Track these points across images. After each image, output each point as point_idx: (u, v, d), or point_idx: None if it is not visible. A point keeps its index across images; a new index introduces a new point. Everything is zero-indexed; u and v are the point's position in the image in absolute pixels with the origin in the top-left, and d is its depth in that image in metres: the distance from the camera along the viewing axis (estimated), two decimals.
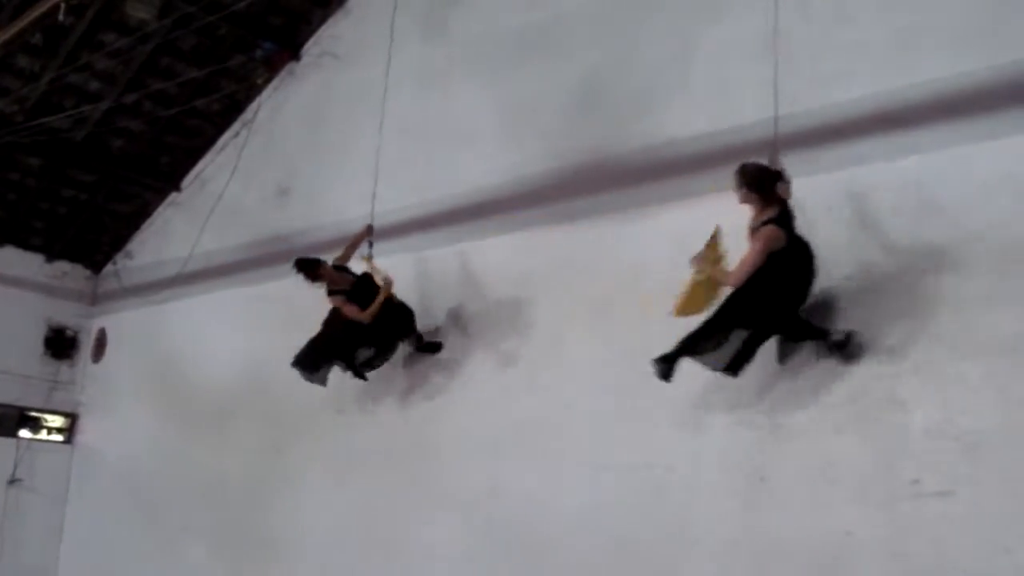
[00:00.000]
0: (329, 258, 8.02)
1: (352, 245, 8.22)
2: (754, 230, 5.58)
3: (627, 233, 7.11)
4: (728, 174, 6.43)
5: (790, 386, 5.99)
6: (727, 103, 6.84)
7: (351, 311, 7.65)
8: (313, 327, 8.27)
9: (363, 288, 7.79)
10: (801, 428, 5.90)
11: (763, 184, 5.58)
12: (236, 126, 11.57)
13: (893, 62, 6.06)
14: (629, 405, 6.74)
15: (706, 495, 6.26)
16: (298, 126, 10.67)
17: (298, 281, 7.86)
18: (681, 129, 7.04)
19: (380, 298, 7.58)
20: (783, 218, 5.54)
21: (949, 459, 5.34)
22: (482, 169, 8.17)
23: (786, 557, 5.81)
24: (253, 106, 11.33)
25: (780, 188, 5.60)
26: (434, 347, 8.29)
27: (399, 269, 8.51)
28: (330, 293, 7.78)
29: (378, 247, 8.44)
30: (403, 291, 8.23)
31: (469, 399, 7.87)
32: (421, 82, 9.23)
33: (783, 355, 5.94)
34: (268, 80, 11.17)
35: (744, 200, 5.66)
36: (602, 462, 6.86)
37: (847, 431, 5.71)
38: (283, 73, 11.08)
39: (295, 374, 8.38)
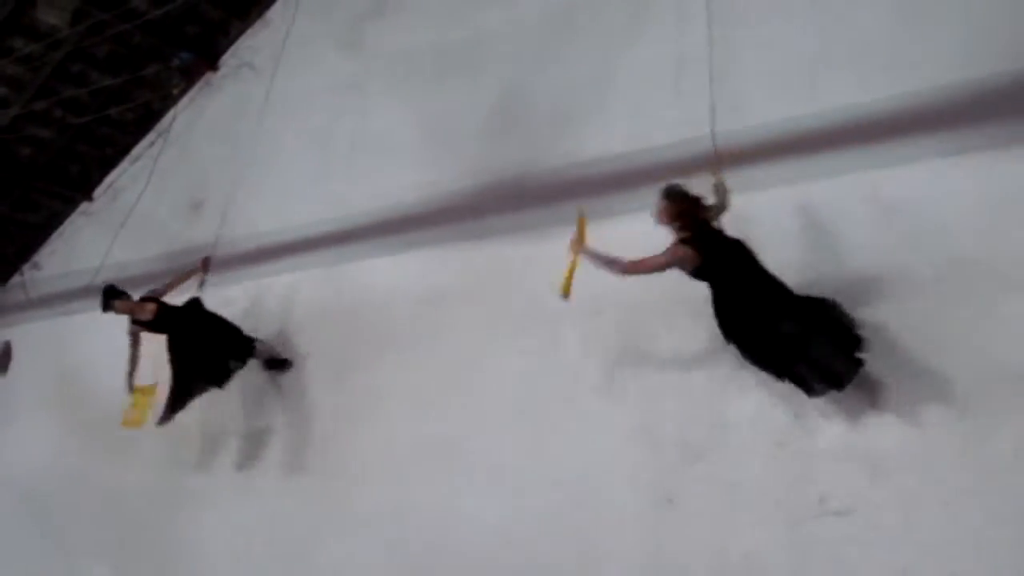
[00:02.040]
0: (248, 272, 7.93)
1: (180, 279, 8.43)
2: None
3: (542, 252, 7.10)
4: (644, 194, 6.55)
5: (698, 407, 6.04)
6: (643, 124, 6.91)
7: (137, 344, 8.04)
8: None
9: (175, 319, 7.97)
10: (708, 449, 5.95)
11: (682, 205, 5.40)
12: (151, 136, 11.39)
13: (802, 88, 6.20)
14: (539, 424, 6.74)
15: (615, 516, 6.24)
16: (214, 137, 10.51)
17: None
18: (597, 149, 7.09)
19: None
20: (702, 239, 5.39)
21: (851, 480, 5.44)
22: (399, 185, 8.12)
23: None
24: (169, 116, 11.16)
25: (702, 210, 5.44)
26: (281, 364, 8.42)
27: (313, 284, 8.47)
28: (133, 322, 8.00)
29: (291, 261, 8.41)
30: (319, 305, 8.19)
31: (378, 416, 7.78)
32: (339, 96, 9.17)
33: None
34: (184, 90, 11.01)
35: (664, 224, 5.47)
36: (510, 482, 6.82)
37: (753, 452, 5.78)
38: (200, 83, 10.93)
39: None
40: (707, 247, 5.39)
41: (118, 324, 10.52)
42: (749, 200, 6.10)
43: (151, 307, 7.89)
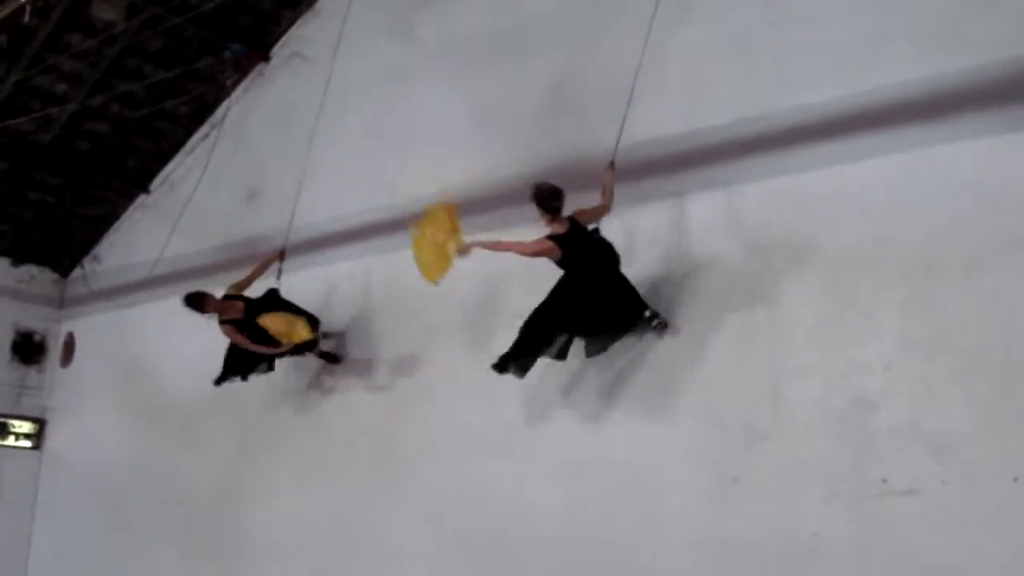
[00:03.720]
0: (303, 262, 8.27)
1: (260, 268, 8.46)
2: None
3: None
4: (697, 175, 6.56)
5: (760, 387, 6.02)
6: (696, 104, 6.87)
7: (239, 340, 8.10)
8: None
9: (256, 311, 8.10)
10: (771, 428, 5.93)
11: (546, 202, 6.20)
12: (205, 128, 11.51)
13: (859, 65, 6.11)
14: (600, 406, 6.76)
15: (678, 495, 6.28)
16: (268, 127, 10.61)
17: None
18: (651, 131, 7.05)
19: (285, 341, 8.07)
20: (567, 237, 6.16)
21: (916, 459, 5.39)
22: (453, 171, 8.13)
23: (757, 556, 5.84)
24: (222, 108, 11.26)
25: (582, 211, 6.39)
26: (333, 358, 8.77)
27: (369, 272, 8.53)
28: (221, 323, 8.09)
29: (348, 250, 8.48)
30: (376, 293, 8.28)
31: (440, 402, 7.85)
32: (391, 83, 9.22)
33: (589, 351, 6.52)
34: (237, 82, 11.09)
35: (540, 215, 6.26)
36: (574, 465, 6.85)
37: (816, 431, 5.75)
38: (252, 74, 11.03)
39: (265, 378, 8.42)
40: (570, 244, 6.15)
41: (177, 316, 10.70)
42: (805, 180, 6.10)
43: (239, 305, 8.11)
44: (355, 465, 8.39)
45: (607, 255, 6.35)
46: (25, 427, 12.68)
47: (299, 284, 9.28)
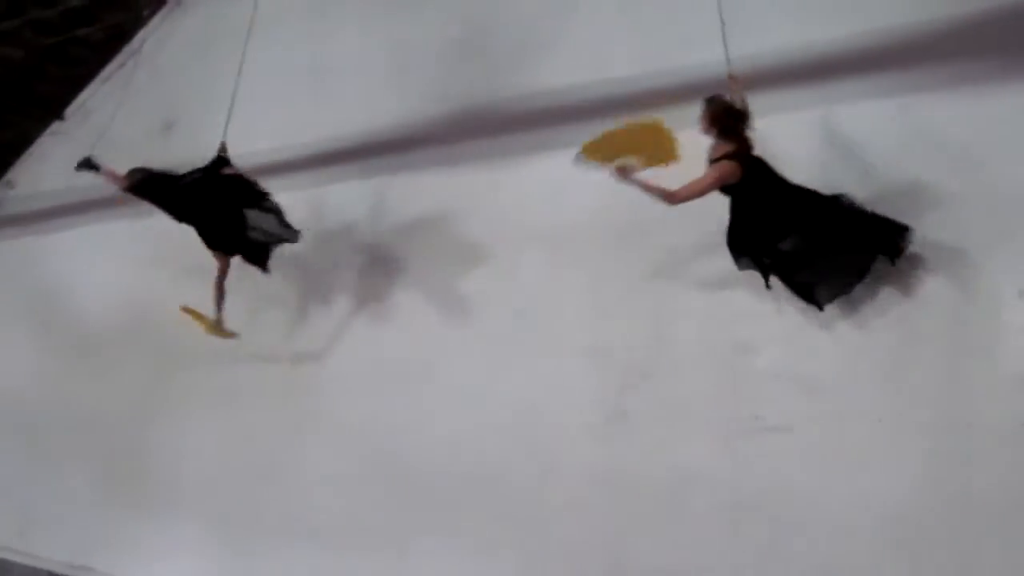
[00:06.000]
0: None
1: None
2: (711, 162, 5.44)
3: (503, 181, 7.31)
4: (600, 125, 6.74)
5: (646, 328, 6.34)
6: (601, 56, 7.07)
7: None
8: (194, 261, 8.36)
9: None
10: (655, 367, 6.27)
11: (724, 120, 5.41)
12: (121, 56, 11.35)
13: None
14: (497, 345, 7.03)
15: (568, 428, 6.61)
16: (185, 59, 10.51)
17: None
18: (558, 79, 7.24)
19: None
20: (740, 155, 5.40)
21: (789, 398, 5.78)
22: (364, 111, 8.23)
23: (639, 487, 6.22)
24: (139, 36, 11.12)
25: (743, 128, 5.44)
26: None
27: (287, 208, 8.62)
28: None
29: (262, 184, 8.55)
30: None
31: (347, 336, 8.03)
32: (306, 20, 9.22)
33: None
34: (155, 11, 10.96)
35: (705, 131, 5.47)
36: (475, 399, 7.13)
37: (698, 371, 6.11)
38: (171, 4, 10.90)
39: (177, 305, 8.46)
40: (747, 161, 5.41)
41: (89, 245, 10.69)
42: None
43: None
44: (267, 393, 8.53)
45: (769, 172, 5.50)
46: None
47: None
